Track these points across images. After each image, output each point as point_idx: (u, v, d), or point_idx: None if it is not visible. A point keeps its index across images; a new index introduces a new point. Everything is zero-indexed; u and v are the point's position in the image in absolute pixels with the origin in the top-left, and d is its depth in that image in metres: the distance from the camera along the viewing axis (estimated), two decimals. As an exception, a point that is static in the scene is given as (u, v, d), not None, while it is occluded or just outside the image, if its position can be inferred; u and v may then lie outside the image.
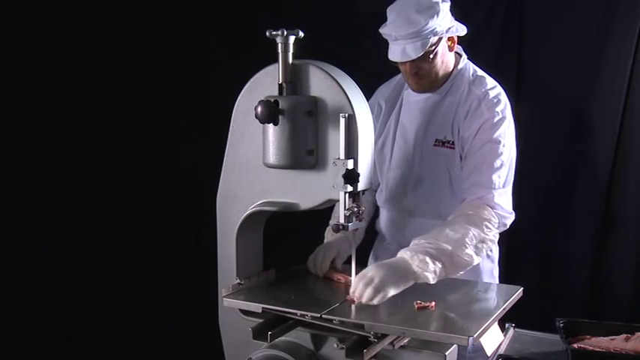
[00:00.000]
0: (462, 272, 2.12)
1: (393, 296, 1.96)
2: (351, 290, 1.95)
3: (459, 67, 2.42)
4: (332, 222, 2.42)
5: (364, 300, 1.90)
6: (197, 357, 3.57)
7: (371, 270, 1.95)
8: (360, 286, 1.92)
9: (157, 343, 3.53)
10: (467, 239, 2.07)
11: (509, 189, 2.29)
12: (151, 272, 3.51)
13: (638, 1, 3.11)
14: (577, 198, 3.33)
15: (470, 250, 2.07)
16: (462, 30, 2.35)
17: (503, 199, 2.25)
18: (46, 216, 3.38)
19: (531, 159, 2.54)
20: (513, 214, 2.27)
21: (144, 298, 3.46)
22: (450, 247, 2.03)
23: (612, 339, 2.01)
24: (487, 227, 2.15)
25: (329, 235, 2.42)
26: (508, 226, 2.26)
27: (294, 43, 1.91)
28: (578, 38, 3.25)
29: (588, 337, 2.05)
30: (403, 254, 2.03)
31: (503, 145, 2.28)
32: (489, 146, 2.27)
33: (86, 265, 3.45)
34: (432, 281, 1.99)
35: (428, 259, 1.99)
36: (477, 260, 2.11)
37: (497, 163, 2.26)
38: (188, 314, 3.54)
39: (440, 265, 2.00)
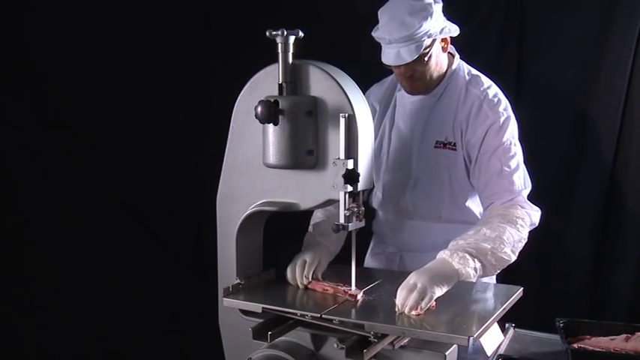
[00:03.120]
0: (498, 271, 2.14)
1: (393, 297, 1.96)
2: (397, 301, 1.89)
3: (453, 67, 2.41)
4: (312, 225, 2.42)
5: (410, 305, 1.86)
6: (197, 357, 3.57)
7: (412, 277, 1.92)
8: (404, 293, 1.88)
9: (157, 343, 3.53)
10: (504, 237, 2.09)
11: (529, 188, 2.31)
12: (151, 272, 3.51)
13: (638, 1, 3.11)
14: (577, 198, 3.33)
15: (507, 249, 2.08)
16: (454, 30, 2.34)
17: (526, 197, 2.27)
18: (45, 216, 3.37)
19: (531, 159, 2.53)
20: (539, 210, 2.27)
21: (144, 298, 3.46)
22: (488, 246, 2.04)
23: (612, 339, 2.01)
24: (521, 226, 2.17)
25: (307, 242, 2.34)
26: (537, 225, 2.26)
27: (294, 43, 1.91)
28: (578, 38, 3.25)
29: (588, 337, 2.05)
30: (442, 254, 2.02)
31: (515, 145, 2.29)
32: (502, 150, 2.27)
33: (86, 264, 3.45)
34: (474, 278, 2.00)
35: (467, 256, 1.99)
36: (514, 258, 2.12)
37: (514, 163, 2.27)
38: (188, 314, 3.54)
39: (479, 263, 2.01)
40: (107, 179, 3.43)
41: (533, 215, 2.24)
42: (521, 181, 2.27)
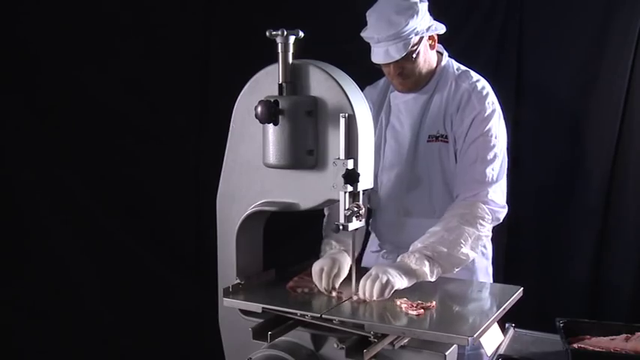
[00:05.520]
0: (458, 269, 2.19)
1: (392, 297, 1.97)
2: (360, 291, 1.98)
3: (442, 63, 2.45)
4: (325, 228, 2.42)
5: (375, 297, 1.95)
6: (197, 357, 3.56)
7: (374, 269, 2.02)
8: (368, 284, 1.97)
9: (157, 343, 3.53)
10: (462, 239, 2.15)
11: (502, 182, 2.33)
12: (151, 272, 3.51)
13: (638, 1, 3.11)
14: (577, 198, 3.33)
15: (465, 250, 2.15)
16: (441, 29, 2.39)
17: (497, 194, 2.29)
18: (45, 216, 3.37)
19: (531, 158, 2.53)
20: (506, 207, 2.31)
21: (144, 298, 3.46)
22: (445, 249, 2.12)
23: (612, 339, 2.02)
24: (481, 224, 2.21)
25: (324, 249, 2.33)
26: (501, 220, 2.30)
27: (294, 43, 1.91)
28: (578, 38, 3.25)
29: (588, 337, 2.05)
30: (400, 257, 2.12)
31: (495, 137, 2.32)
32: (482, 140, 2.31)
33: (86, 264, 3.45)
34: (430, 278, 2.08)
35: (424, 259, 2.08)
36: (472, 256, 2.19)
37: (490, 155, 2.30)
38: (188, 314, 3.53)
39: (437, 265, 2.09)
40: (107, 179, 3.43)
41: (496, 212, 2.27)
42: (494, 173, 2.29)
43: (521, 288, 2.14)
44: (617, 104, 3.20)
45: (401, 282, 2.00)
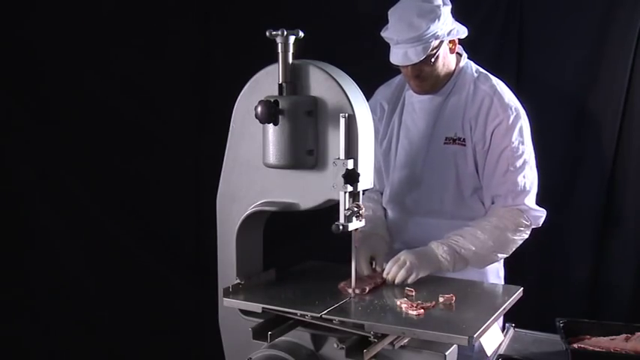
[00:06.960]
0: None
1: (392, 297, 1.96)
2: (385, 273, 2.10)
3: (461, 65, 2.44)
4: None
5: (397, 280, 2.10)
6: (197, 357, 3.57)
7: (402, 254, 2.16)
8: (394, 268, 2.12)
9: (157, 343, 3.53)
10: (491, 241, 2.23)
11: (535, 188, 2.35)
12: (150, 272, 3.51)
13: (638, 1, 3.11)
14: (577, 198, 3.32)
15: (494, 252, 2.26)
16: (462, 32, 2.37)
17: (532, 199, 2.33)
18: (45, 216, 3.37)
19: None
20: (544, 211, 2.34)
21: (144, 298, 3.46)
22: (473, 248, 2.21)
23: (612, 339, 2.02)
24: (519, 230, 2.29)
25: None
26: (540, 225, 2.36)
27: (294, 43, 1.91)
28: (578, 38, 3.25)
29: (588, 337, 2.05)
30: (431, 243, 2.23)
31: (522, 144, 2.34)
32: (510, 150, 2.32)
33: (86, 264, 3.44)
34: (451, 271, 2.21)
35: (451, 252, 2.19)
36: (502, 257, 2.35)
37: (520, 163, 2.32)
38: (188, 314, 3.54)
39: (462, 261, 2.22)
40: (107, 179, 3.43)
41: (536, 218, 2.32)
42: (527, 181, 2.32)
43: (521, 288, 2.14)
44: (617, 104, 3.20)
45: (425, 271, 2.13)
